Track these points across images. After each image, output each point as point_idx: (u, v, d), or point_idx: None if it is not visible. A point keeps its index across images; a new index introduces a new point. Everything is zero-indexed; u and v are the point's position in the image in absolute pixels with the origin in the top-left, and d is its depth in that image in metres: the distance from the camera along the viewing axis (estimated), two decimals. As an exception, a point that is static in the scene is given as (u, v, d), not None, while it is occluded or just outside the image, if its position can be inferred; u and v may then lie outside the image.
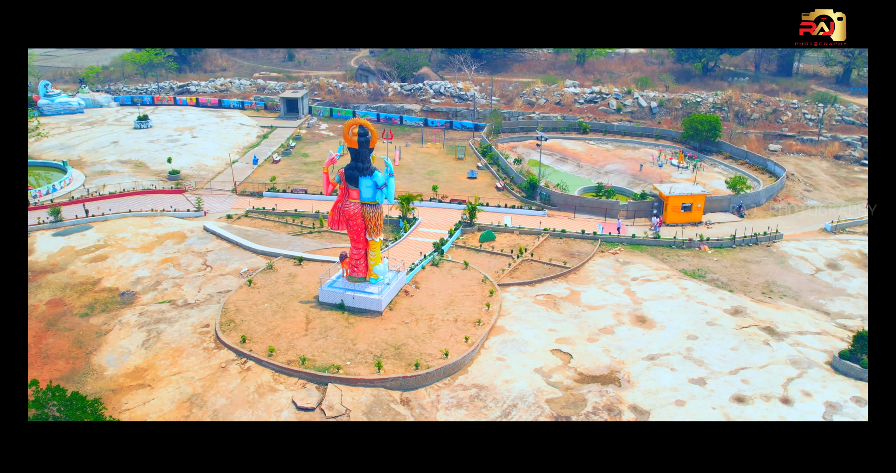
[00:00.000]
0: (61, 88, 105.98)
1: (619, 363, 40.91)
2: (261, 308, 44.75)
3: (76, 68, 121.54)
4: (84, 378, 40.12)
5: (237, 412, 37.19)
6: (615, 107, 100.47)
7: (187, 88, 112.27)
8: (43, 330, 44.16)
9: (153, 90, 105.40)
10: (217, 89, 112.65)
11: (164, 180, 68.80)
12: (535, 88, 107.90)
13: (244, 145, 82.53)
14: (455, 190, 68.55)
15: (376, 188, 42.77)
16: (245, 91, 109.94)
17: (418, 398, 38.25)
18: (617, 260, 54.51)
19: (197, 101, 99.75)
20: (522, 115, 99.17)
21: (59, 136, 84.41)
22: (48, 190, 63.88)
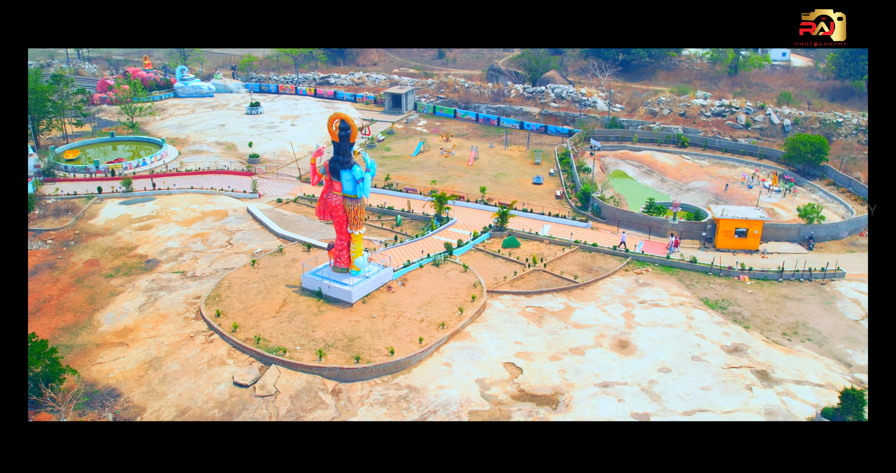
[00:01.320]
0: (223, 74, 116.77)
1: (567, 385, 38.79)
2: (249, 287, 47.12)
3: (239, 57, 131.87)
4: (80, 331, 44.50)
5: (182, 379, 39.70)
6: (744, 122, 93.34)
7: (327, 79, 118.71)
8: (69, 285, 49.42)
9: (280, 79, 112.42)
10: (354, 82, 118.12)
11: (242, 163, 73.75)
12: (661, 97, 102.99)
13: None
14: (512, 194, 67.45)
15: (355, 182, 43.51)
16: (378, 85, 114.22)
17: (350, 391, 38.63)
18: (636, 281, 51.24)
19: (315, 92, 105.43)
20: (642, 124, 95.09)
21: (181, 116, 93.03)
22: (138, 163, 70.81)
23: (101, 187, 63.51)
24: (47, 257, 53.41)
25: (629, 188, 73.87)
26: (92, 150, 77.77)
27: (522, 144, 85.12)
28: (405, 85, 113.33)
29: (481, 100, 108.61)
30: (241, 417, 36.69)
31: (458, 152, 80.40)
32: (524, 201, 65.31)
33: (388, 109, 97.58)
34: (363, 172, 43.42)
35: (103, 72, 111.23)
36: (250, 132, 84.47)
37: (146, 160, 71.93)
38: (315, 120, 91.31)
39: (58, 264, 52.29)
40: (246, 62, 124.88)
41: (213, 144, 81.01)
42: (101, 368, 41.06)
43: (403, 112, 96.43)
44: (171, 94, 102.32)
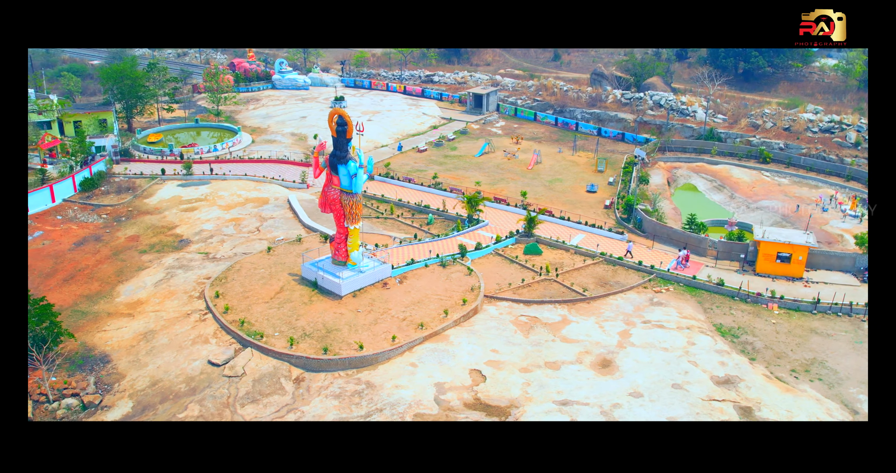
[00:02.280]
0: (331, 66, 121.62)
1: (526, 399, 37.61)
2: (255, 273, 48.99)
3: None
4: (99, 300, 48.07)
5: (165, 352, 42.05)
6: (853, 140, 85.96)
7: (432, 78, 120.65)
8: (106, 257, 53.44)
9: (389, 76, 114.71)
10: (457, 82, 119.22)
11: (307, 154, 76.45)
12: (766, 109, 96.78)
13: (409, 133, 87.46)
14: (560, 201, 65.87)
15: (350, 177, 44.17)
16: (480, 84, 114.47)
17: (312, 381, 39.40)
18: (651, 299, 48.65)
19: (405, 89, 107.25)
20: (741, 137, 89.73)
21: (272, 107, 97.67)
22: (209, 149, 75.16)
23: (164, 168, 67.99)
24: (97, 230, 57.93)
25: (692, 203, 70.02)
26: (182, 134, 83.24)
27: (591, 148, 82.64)
28: (505, 86, 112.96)
29: (577, 104, 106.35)
30: (202, 394, 38.34)
31: (523, 156, 79.29)
32: (570, 208, 63.57)
33: (470, 108, 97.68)
34: (357, 168, 43.98)
35: (212, 61, 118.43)
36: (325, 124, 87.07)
37: (217, 146, 76.17)
38: (392, 116, 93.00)
39: (104, 237, 56.59)
40: (359, 58, 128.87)
41: (288, 134, 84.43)
42: (104, 335, 44.13)
43: (484, 113, 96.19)
44: (269, 85, 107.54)
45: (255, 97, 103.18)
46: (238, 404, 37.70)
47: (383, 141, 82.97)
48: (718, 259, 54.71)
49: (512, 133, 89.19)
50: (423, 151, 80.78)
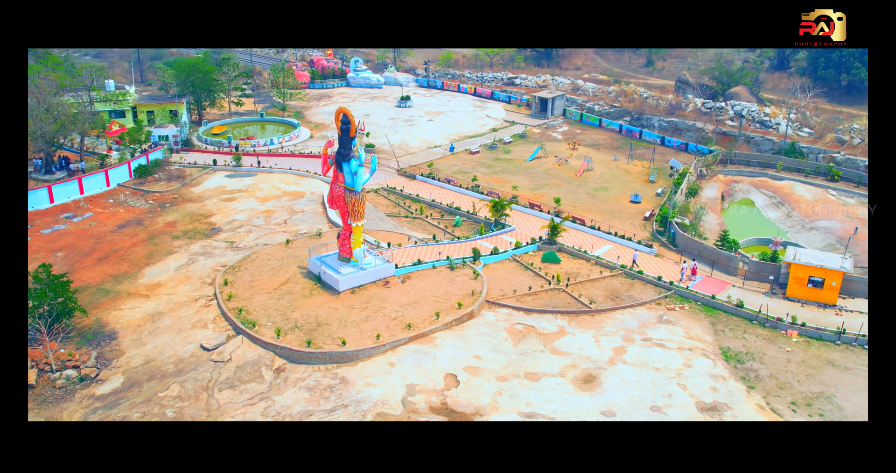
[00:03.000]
0: (425, 70, 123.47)
1: (493, 408, 37.05)
2: (268, 263, 50.51)
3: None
4: (124, 280, 50.91)
5: (165, 334, 44.10)
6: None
7: (513, 80, 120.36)
8: (141, 241, 56.50)
9: (473, 78, 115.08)
10: (538, 85, 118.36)
11: (358, 151, 77.89)
12: (855, 124, 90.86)
13: (466, 134, 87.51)
14: (598, 210, 64.26)
15: (352, 175, 44.80)
16: (561, 89, 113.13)
17: (292, 372, 40.30)
18: (660, 317, 46.73)
19: (475, 91, 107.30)
20: (824, 153, 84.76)
21: (342, 103, 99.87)
22: (265, 142, 77.93)
23: (216, 159, 71.10)
24: (141, 214, 61.30)
25: (743, 219, 66.79)
26: (248, 128, 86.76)
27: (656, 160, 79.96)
28: (585, 91, 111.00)
29: (655, 112, 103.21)
30: (186, 376, 39.96)
31: (575, 162, 77.72)
32: (606, 218, 61.97)
33: (535, 112, 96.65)
34: (357, 166, 44.54)
35: (292, 58, 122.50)
36: (386, 124, 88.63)
37: (273, 140, 78.88)
38: (455, 118, 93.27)
39: (145, 221, 59.82)
40: (445, 58, 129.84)
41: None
42: (118, 314, 46.71)
43: (548, 117, 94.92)
44: (344, 83, 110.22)
45: (327, 94, 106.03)
46: (216, 388, 39.04)
47: (437, 142, 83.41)
48: (748, 280, 51.84)
49: (572, 139, 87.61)
50: (475, 153, 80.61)
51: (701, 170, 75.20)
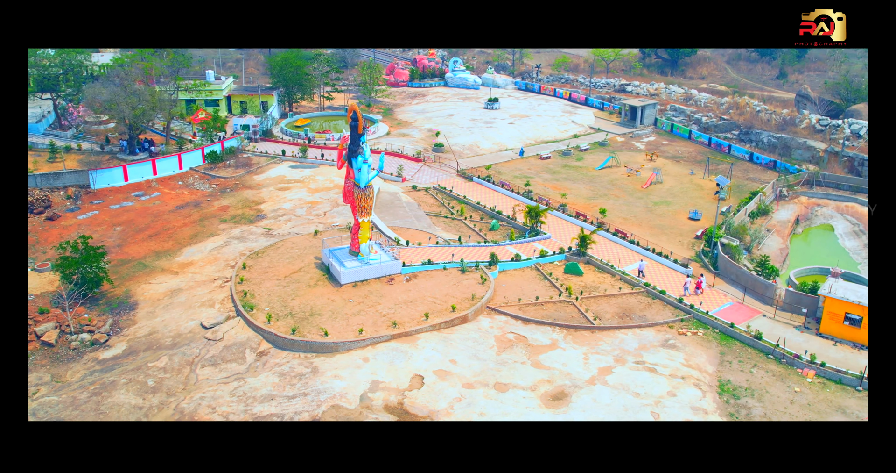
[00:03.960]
0: (536, 73, 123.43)
1: (447, 414, 36.76)
2: (289, 252, 52.46)
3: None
4: (164, 257, 54.68)
5: (176, 310, 47.03)
6: None
7: (625, 87, 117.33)
8: (192, 222, 60.35)
9: (587, 83, 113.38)
10: (650, 93, 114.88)
11: (426, 150, 78.93)
12: None
13: (545, 139, 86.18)
14: (649, 225, 61.47)
15: (357, 171, 45.68)
16: (672, 98, 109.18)
17: (273, 357, 41.83)
18: (665, 340, 44.20)
19: (570, 96, 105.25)
20: None
21: (433, 102, 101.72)
22: (339, 136, 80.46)
23: (285, 150, 74.35)
24: (202, 197, 65.38)
25: (813, 246, 61.84)
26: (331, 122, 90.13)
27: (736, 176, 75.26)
28: (696, 101, 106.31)
29: (766, 127, 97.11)
30: (178, 350, 42.47)
31: (647, 174, 74.61)
32: (655, 233, 59.35)
33: (623, 120, 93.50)
34: (362, 163, 45.32)
35: (394, 58, 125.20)
36: (466, 124, 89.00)
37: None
38: (538, 122, 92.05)
39: (202, 204, 63.77)
40: (560, 62, 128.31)
41: (425, 129, 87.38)
42: (146, 287, 50.28)
43: (636, 125, 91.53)
44: (442, 83, 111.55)
45: (422, 93, 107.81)
46: (200, 364, 41.19)
47: (510, 145, 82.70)
48: (784, 311, 47.82)
49: (656, 149, 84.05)
50: (545, 158, 79.27)
51: (781, 190, 69.88)
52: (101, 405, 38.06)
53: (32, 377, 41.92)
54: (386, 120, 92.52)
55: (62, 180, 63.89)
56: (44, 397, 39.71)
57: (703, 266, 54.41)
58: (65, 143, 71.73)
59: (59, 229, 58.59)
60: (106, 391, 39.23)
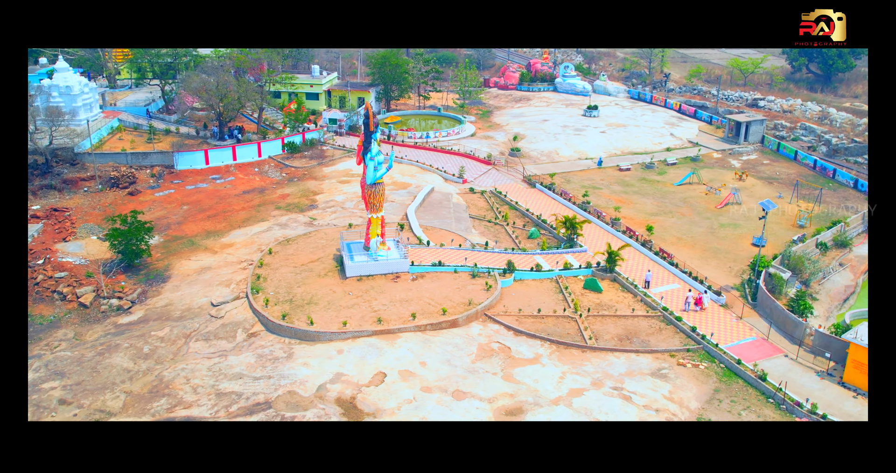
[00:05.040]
0: (664, 82, 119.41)
1: (391, 413, 36.96)
2: (316, 242, 54.43)
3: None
4: (212, 236, 58.59)
5: (197, 286, 50.44)
6: None
7: (758, 102, 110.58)
8: (251, 206, 64.09)
9: (705, 92, 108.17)
10: (783, 110, 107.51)
11: (502, 154, 78.57)
12: None
13: (634, 150, 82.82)
14: (701, 247, 57.70)
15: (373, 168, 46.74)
16: (806, 116, 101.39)
17: (261, 339, 43.89)
18: (657, 369, 41.55)
19: (679, 107, 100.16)
20: None
21: (533, 107, 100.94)
22: (422, 135, 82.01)
23: (359, 145, 76.78)
24: (269, 184, 69.14)
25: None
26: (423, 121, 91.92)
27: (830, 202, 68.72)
28: (832, 120, 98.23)
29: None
30: (181, 322, 45.62)
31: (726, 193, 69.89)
32: (705, 256, 56.03)
33: (727, 136, 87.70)
34: (369, 160, 46.19)
35: (508, 62, 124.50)
36: (554, 130, 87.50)
37: (430, 133, 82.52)
38: (634, 132, 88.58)
39: (266, 191, 67.45)
40: (694, 72, 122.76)
41: (513, 133, 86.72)
42: (184, 263, 54.18)
43: (739, 142, 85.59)
44: (551, 87, 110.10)
45: (528, 97, 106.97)
46: (194, 338, 43.96)
47: (592, 154, 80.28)
48: (811, 352, 43.45)
49: (752, 168, 78.36)
50: (625, 170, 76.29)
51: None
52: (99, 365, 41.61)
53: (60, 332, 46.62)
54: (479, 122, 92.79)
55: (150, 159, 69.95)
56: (60, 351, 44.04)
57: (742, 296, 50.38)
58: (166, 126, 78.34)
59: (135, 204, 64.21)
60: (108, 352, 42.82)
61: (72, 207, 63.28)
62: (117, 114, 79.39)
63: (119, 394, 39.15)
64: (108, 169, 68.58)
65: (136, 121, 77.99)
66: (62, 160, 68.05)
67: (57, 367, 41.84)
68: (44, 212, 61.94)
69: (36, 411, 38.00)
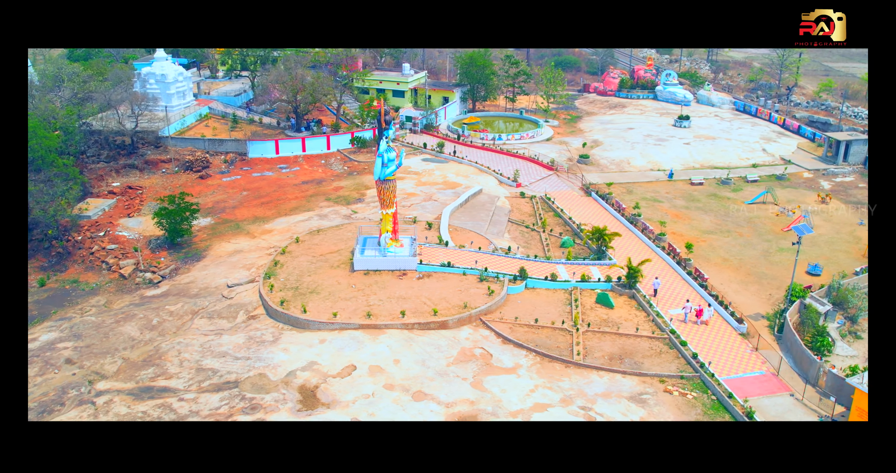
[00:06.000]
0: (787, 95, 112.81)
1: (344, 406, 37.49)
2: (342, 234, 55.85)
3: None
4: (258, 222, 61.59)
5: (222, 267, 53.36)
6: None
7: None
8: (303, 196, 66.64)
9: (833, 108, 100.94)
10: None
11: (570, 160, 76.86)
12: None
13: (715, 164, 78.13)
14: (745, 271, 53.72)
15: (382, 164, 47.43)
16: None
17: (258, 322, 45.80)
18: (639, 394, 39.30)
19: (783, 122, 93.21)
20: None
21: (625, 114, 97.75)
22: (494, 138, 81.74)
23: (426, 143, 77.73)
24: (329, 176, 71.52)
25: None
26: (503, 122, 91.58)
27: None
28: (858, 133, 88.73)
29: None
30: (195, 300, 48.40)
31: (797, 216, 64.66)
32: (747, 280, 52.50)
33: (825, 155, 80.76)
34: (377, 156, 46.81)
35: (610, 67, 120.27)
36: (635, 139, 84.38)
37: (502, 136, 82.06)
38: (721, 145, 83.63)
39: (324, 183, 69.86)
40: (824, 86, 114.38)
41: (591, 140, 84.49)
42: (223, 244, 57.36)
43: (838, 163, 78.59)
44: (650, 95, 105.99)
45: (624, 104, 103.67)
46: (200, 315, 46.55)
47: (665, 165, 76.65)
48: (824, 394, 39.61)
49: (843, 191, 71.97)
50: (696, 184, 72.34)
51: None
52: (111, 332, 45.03)
53: (95, 299, 50.83)
54: (563, 126, 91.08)
55: (225, 146, 74.31)
56: (88, 316, 48.06)
57: (770, 326, 46.62)
58: (250, 116, 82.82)
59: (203, 187, 68.58)
60: (124, 321, 46.24)
61: (146, 186, 68.49)
62: (209, 102, 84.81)
63: (117, 360, 42.14)
64: (186, 153, 73.53)
65: (224, 110, 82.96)
66: (147, 142, 73.72)
67: (78, 330, 45.63)
68: (120, 189, 67.51)
69: (43, 367, 41.69)
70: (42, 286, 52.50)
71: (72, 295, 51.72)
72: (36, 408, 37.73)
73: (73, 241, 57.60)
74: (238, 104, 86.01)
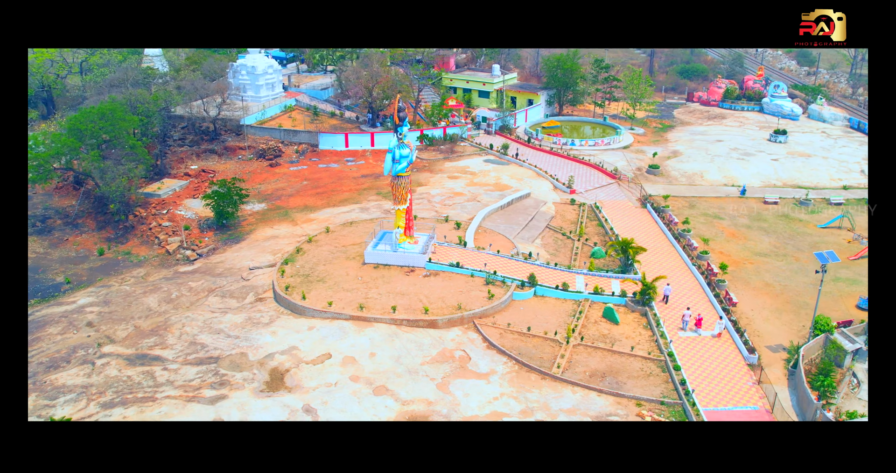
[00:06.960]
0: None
1: (304, 391, 38.59)
2: (370, 226, 56.86)
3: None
4: (306, 210, 64.14)
5: (252, 250, 56.16)
6: None
7: None
8: (356, 189, 68.57)
9: None
10: None
11: (640, 170, 74.04)
12: None
13: (801, 183, 72.19)
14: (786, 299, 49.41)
15: (393, 160, 48.07)
16: None
17: (262, 304, 47.78)
18: (608, 414, 37.61)
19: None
20: None
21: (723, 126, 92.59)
22: (566, 142, 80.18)
23: (493, 144, 77.38)
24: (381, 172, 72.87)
25: None
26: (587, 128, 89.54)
27: None
28: None
29: None
30: (216, 279, 51.21)
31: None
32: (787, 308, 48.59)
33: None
34: (387, 152, 47.41)
35: (718, 76, 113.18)
36: (718, 152, 79.72)
37: (575, 141, 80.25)
38: (812, 163, 77.22)
39: (381, 178, 71.29)
40: None
41: (670, 150, 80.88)
42: (266, 230, 60.27)
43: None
44: (756, 107, 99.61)
45: (724, 114, 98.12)
46: (214, 294, 49.25)
47: (741, 181, 71.94)
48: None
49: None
50: (770, 203, 67.40)
51: None
52: (135, 302, 48.64)
53: (137, 270, 55.05)
54: (649, 135, 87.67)
55: (298, 137, 77.68)
56: (125, 285, 52.15)
57: (787, 360, 42.96)
58: (332, 109, 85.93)
59: (269, 174, 72.19)
60: (150, 292, 49.80)
61: (219, 170, 72.95)
62: (297, 95, 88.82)
63: (129, 327, 45.46)
64: (262, 142, 77.55)
65: (310, 102, 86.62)
66: (228, 130, 78.43)
67: (109, 297, 49.65)
68: (196, 172, 72.34)
69: (66, 327, 45.73)
70: (101, 255, 57.41)
71: (121, 265, 56.22)
72: (46, 363, 41.45)
73: (138, 216, 62.46)
74: (324, 98, 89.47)
